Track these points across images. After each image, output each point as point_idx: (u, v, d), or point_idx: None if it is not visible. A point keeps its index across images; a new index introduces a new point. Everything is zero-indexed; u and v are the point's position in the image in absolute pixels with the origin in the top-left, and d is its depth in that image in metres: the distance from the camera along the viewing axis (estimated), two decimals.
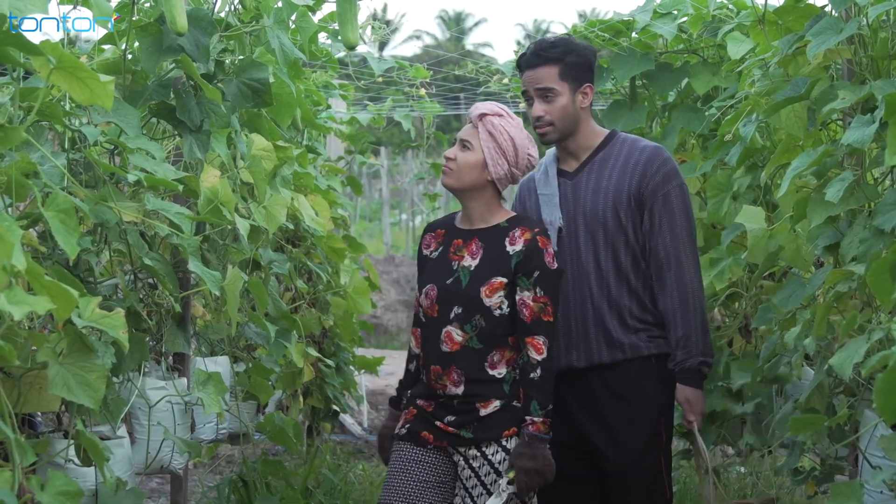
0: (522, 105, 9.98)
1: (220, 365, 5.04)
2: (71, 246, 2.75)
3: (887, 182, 3.69)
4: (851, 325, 3.44)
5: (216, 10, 4.06)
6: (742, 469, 6.72)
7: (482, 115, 4.09)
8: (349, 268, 6.54)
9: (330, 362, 6.72)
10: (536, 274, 4.00)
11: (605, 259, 4.21)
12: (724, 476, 5.36)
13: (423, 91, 8.67)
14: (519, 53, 4.35)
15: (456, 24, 58.74)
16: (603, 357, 4.23)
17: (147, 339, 4.06)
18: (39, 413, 3.85)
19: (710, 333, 4.23)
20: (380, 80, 8.22)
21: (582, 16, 53.99)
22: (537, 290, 4.00)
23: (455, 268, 4.10)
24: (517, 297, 4.02)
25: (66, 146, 3.46)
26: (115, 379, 3.82)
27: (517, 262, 4.01)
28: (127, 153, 3.56)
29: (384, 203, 26.25)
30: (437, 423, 4.08)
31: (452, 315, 4.06)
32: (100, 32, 3.67)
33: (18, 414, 2.90)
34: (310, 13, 4.51)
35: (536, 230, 4.05)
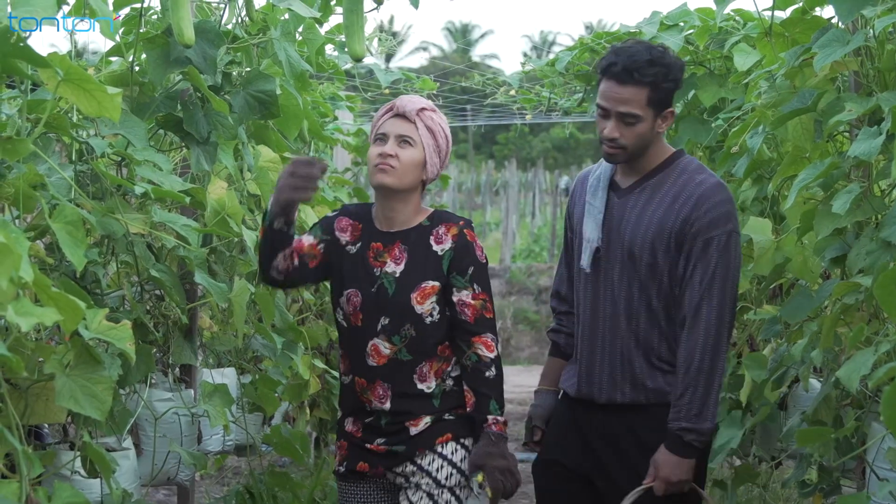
0: (530, 116, 10.02)
1: (226, 377, 5.04)
2: (78, 258, 2.75)
3: (894, 194, 3.69)
4: (858, 337, 3.44)
5: (223, 22, 4.08)
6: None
7: (421, 110, 3.70)
8: None
9: (336, 374, 6.72)
10: (471, 270, 3.69)
11: (639, 297, 3.76)
12: (731, 489, 5.34)
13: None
14: (603, 59, 3.81)
15: (462, 35, 58.81)
16: (625, 397, 3.79)
17: (154, 350, 4.07)
18: (46, 424, 3.85)
19: (714, 402, 3.69)
20: (387, 91, 8.23)
21: (588, 27, 54.03)
22: (475, 286, 3.70)
23: (377, 274, 3.70)
24: (455, 298, 3.69)
25: (74, 158, 3.47)
26: (121, 390, 3.83)
27: (449, 261, 3.69)
28: (134, 165, 3.57)
29: None
30: (368, 445, 3.74)
31: (379, 327, 3.69)
32: (100, 36, 3.67)
33: (25, 425, 2.90)
34: (317, 25, 4.52)
35: (461, 223, 3.74)
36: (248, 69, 4.12)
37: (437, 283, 3.68)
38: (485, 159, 43.92)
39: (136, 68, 3.77)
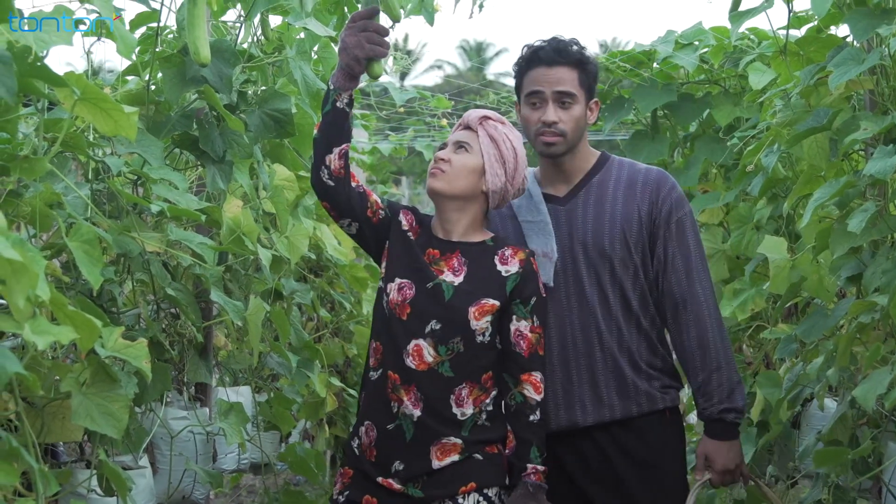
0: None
1: (242, 395, 5.05)
2: (94, 276, 2.76)
3: None
4: (875, 356, 3.43)
5: (239, 41, 4.09)
6: None
7: (484, 119, 3.60)
8: (372, 297, 6.53)
9: (353, 392, 6.72)
10: (533, 301, 3.54)
11: (613, 296, 3.64)
12: None
13: (444, 121, 8.70)
14: (524, 54, 3.75)
15: (477, 53, 58.82)
16: (615, 412, 3.63)
17: (169, 369, 4.07)
18: (62, 443, 3.86)
19: (737, 375, 3.65)
20: (401, 110, 8.25)
21: (603, 46, 54.03)
22: (534, 319, 3.54)
23: (434, 276, 3.54)
24: (512, 328, 3.52)
25: (90, 177, 3.48)
26: (137, 409, 3.83)
27: (514, 285, 3.52)
28: (150, 183, 3.58)
29: None
30: (380, 479, 3.50)
31: (428, 329, 3.48)
32: (117, 55, 3.69)
33: (41, 444, 2.90)
34: (332, 44, 4.53)
35: (528, 250, 3.59)
36: (264, 88, 4.13)
37: (497, 303, 3.50)
38: None
39: (153, 87, 3.79)
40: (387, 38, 3.41)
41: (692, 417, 6.84)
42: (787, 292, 4.23)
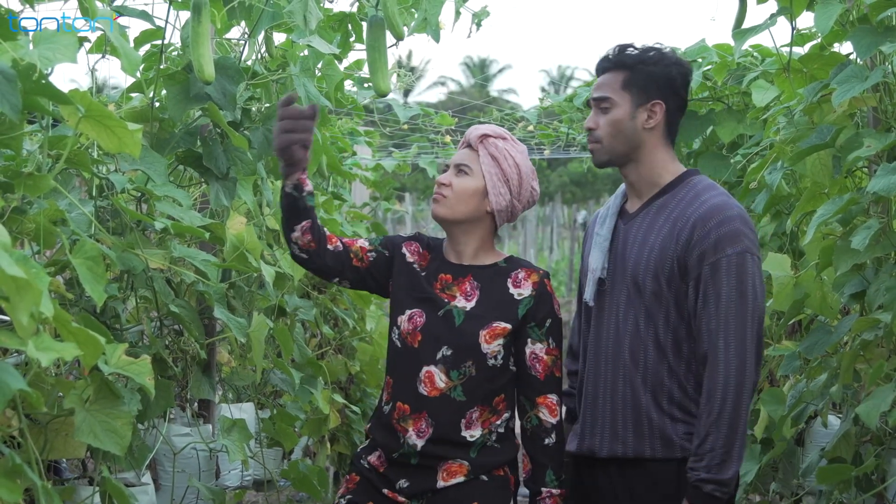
0: (548, 152, 10.04)
1: (245, 412, 5.05)
2: (98, 293, 2.76)
3: None
4: (878, 373, 3.43)
5: (243, 58, 4.10)
6: None
7: (484, 137, 3.54)
8: (375, 314, 6.53)
9: (356, 408, 6.71)
10: (549, 323, 3.50)
11: (646, 329, 3.41)
12: None
13: (448, 138, 8.71)
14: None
15: (480, 70, 58.91)
16: (628, 449, 3.43)
17: (173, 385, 4.07)
18: (65, 459, 3.86)
19: (737, 447, 3.28)
20: (405, 126, 8.26)
21: None
22: (550, 341, 3.50)
23: (445, 303, 3.51)
24: (527, 350, 3.49)
25: (94, 193, 3.48)
26: (140, 425, 3.83)
27: (527, 308, 3.48)
28: (154, 200, 3.58)
29: None
30: (386, 490, 3.50)
31: (439, 356, 3.45)
32: (121, 72, 3.69)
33: (44, 460, 2.90)
34: (335, 61, 4.53)
35: (542, 272, 3.54)
36: (268, 105, 4.14)
37: (508, 326, 3.45)
38: None
39: (157, 104, 3.79)
40: (303, 120, 3.33)
41: None
42: (790, 309, 4.23)
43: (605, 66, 3.51)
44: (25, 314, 2.10)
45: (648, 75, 3.45)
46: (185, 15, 3.68)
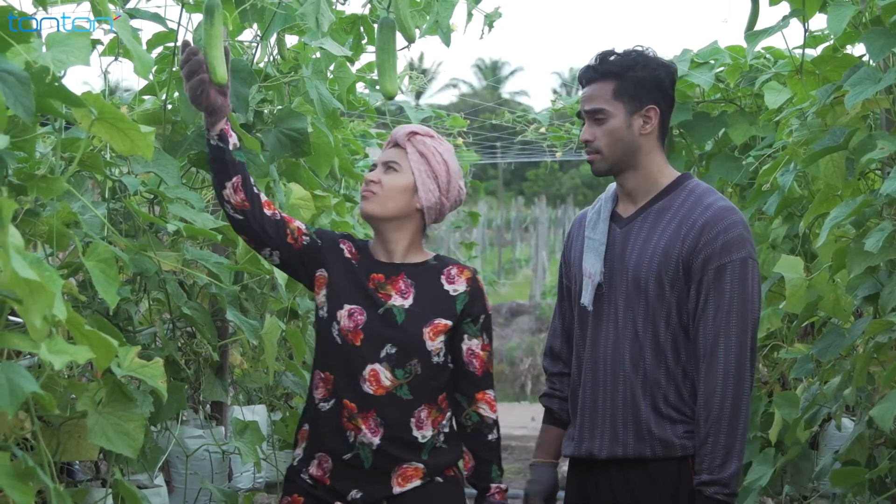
0: (560, 154, 10.03)
1: (257, 414, 5.05)
2: (111, 295, 2.76)
3: None
4: (892, 376, 3.42)
5: (255, 60, 4.10)
6: None
7: (412, 134, 3.55)
8: None
9: None
10: (482, 319, 3.53)
11: (644, 331, 3.45)
12: None
13: (460, 140, 8.70)
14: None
15: (492, 72, 58.94)
16: (628, 450, 3.45)
17: (185, 388, 4.07)
18: (78, 462, 3.86)
19: (738, 449, 3.36)
20: None
21: None
22: (484, 336, 3.53)
23: (383, 302, 3.47)
24: (464, 346, 3.51)
25: (107, 196, 3.49)
26: (153, 428, 3.83)
27: (464, 304, 3.49)
28: (166, 203, 3.59)
29: None
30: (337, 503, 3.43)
31: (383, 354, 3.41)
32: (133, 75, 3.70)
33: (57, 463, 2.91)
34: (348, 63, 4.54)
35: (472, 269, 3.57)
36: (280, 107, 4.14)
37: (449, 322, 3.47)
38: (514, 196, 43.98)
39: (169, 107, 3.80)
40: (196, 58, 3.28)
41: None
42: (803, 312, 4.22)
43: (592, 76, 3.52)
44: (39, 317, 2.10)
45: (638, 81, 3.47)
46: (198, 17, 3.68)
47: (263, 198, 3.44)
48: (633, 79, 3.47)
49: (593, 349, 3.55)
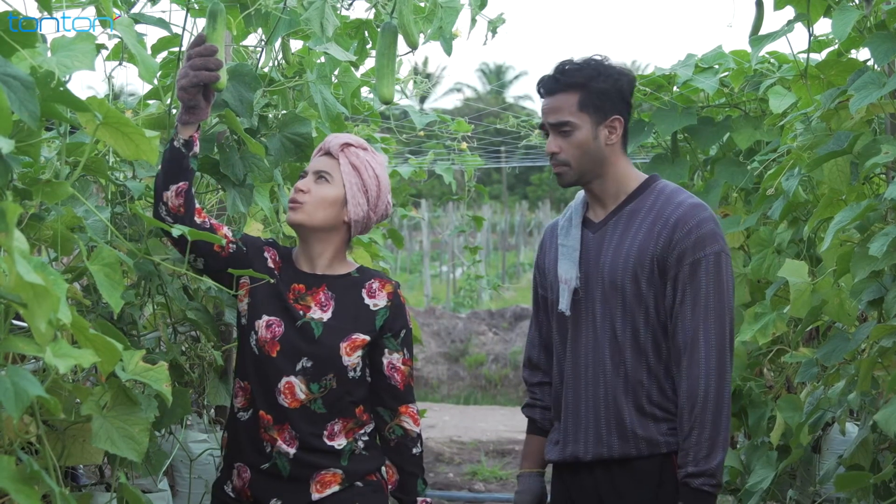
0: None
1: None
2: (115, 299, 2.77)
3: None
4: None
5: (260, 65, 4.10)
6: None
7: (345, 146, 3.51)
8: None
9: None
10: (403, 333, 3.50)
11: (623, 332, 3.48)
12: None
13: (464, 144, 8.70)
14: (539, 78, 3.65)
15: (496, 77, 58.99)
16: (613, 450, 3.49)
17: (189, 392, 4.07)
18: (82, 466, 3.86)
19: (722, 440, 3.39)
20: (421, 133, 8.26)
21: None
22: (405, 351, 3.51)
23: (301, 315, 3.45)
24: (385, 361, 3.48)
25: (111, 200, 3.49)
26: (157, 432, 3.83)
27: (384, 319, 3.47)
28: None
29: (425, 255, 26.27)
30: None
31: (299, 367, 3.40)
32: (138, 79, 3.70)
33: (62, 467, 2.91)
34: (352, 68, 4.54)
35: (394, 283, 3.54)
36: (284, 112, 4.14)
37: (367, 338, 3.44)
38: (518, 200, 44.00)
39: (174, 111, 3.80)
40: (215, 58, 3.27)
41: None
42: (807, 316, 4.22)
43: (554, 88, 3.53)
44: (43, 321, 2.10)
45: (602, 93, 3.50)
46: (202, 22, 3.68)
47: (197, 205, 3.42)
48: (596, 90, 3.50)
49: (574, 354, 3.58)
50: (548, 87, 3.55)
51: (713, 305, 3.40)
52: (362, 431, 3.47)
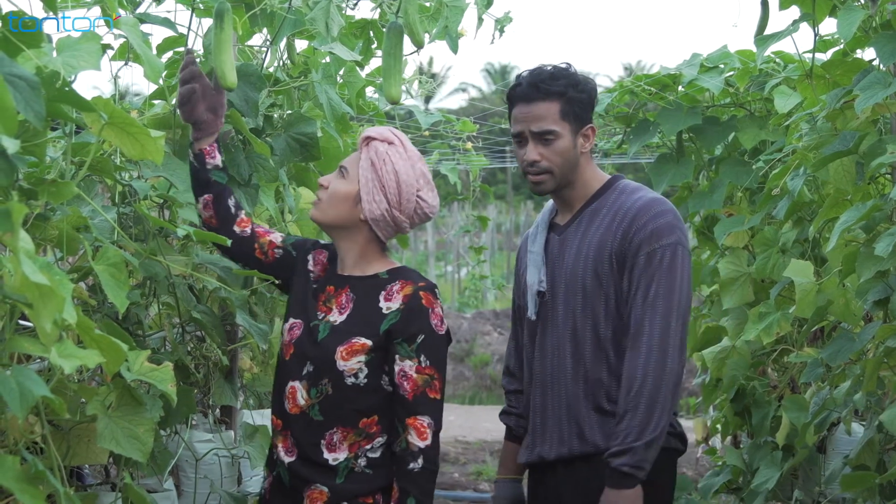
0: None
1: (266, 418, 5.04)
2: (120, 300, 2.77)
3: None
4: None
5: (265, 65, 4.10)
6: None
7: (368, 139, 3.35)
8: None
9: None
10: (421, 339, 3.24)
11: (583, 329, 3.48)
12: None
13: (469, 144, 8.70)
14: (509, 88, 3.62)
15: (501, 77, 58.91)
16: (573, 448, 3.50)
17: (195, 392, 4.07)
18: (87, 466, 3.87)
19: (654, 427, 3.32)
20: (426, 133, 8.26)
21: (627, 69, 54.04)
22: (422, 358, 3.23)
23: (319, 317, 3.36)
24: (396, 368, 3.24)
25: (117, 200, 3.49)
26: (162, 432, 3.83)
27: (392, 323, 3.24)
28: (176, 207, 3.59)
29: (430, 255, 26.27)
30: None
31: (304, 371, 3.31)
32: (143, 79, 3.71)
33: (67, 466, 2.91)
34: (357, 68, 4.54)
35: (421, 284, 3.29)
36: (290, 112, 4.15)
37: (368, 342, 3.24)
38: (523, 200, 43.94)
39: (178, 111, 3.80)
40: (192, 66, 3.32)
41: (716, 441, 6.82)
42: (812, 316, 4.22)
43: (534, 96, 3.52)
44: (49, 321, 2.10)
45: (580, 102, 3.53)
46: (208, 22, 3.69)
47: (242, 215, 3.44)
48: (576, 99, 3.52)
49: (541, 357, 3.61)
50: (527, 95, 3.53)
51: (662, 295, 3.37)
52: (369, 446, 3.28)
